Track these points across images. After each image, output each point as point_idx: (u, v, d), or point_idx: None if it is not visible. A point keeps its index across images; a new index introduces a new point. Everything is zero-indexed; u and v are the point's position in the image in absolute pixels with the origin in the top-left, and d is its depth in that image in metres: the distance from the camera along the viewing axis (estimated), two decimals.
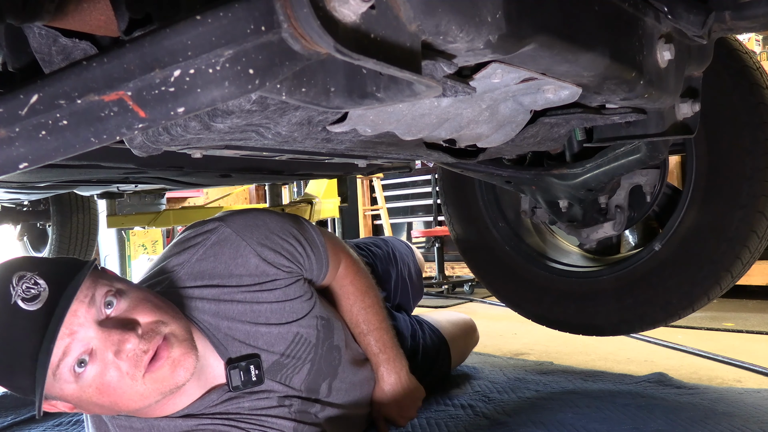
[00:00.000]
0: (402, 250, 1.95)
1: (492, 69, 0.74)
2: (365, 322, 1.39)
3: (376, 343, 1.40)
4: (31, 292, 0.90)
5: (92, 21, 0.72)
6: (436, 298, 4.02)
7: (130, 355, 0.94)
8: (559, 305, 1.81)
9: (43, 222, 3.80)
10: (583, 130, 1.45)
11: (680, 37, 1.01)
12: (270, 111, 0.77)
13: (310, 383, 1.21)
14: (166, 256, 1.20)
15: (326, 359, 1.24)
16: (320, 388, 1.24)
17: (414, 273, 1.95)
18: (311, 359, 1.21)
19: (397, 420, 1.44)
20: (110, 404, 0.97)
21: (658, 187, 1.65)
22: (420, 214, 5.37)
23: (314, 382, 1.22)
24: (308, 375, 1.20)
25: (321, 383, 1.24)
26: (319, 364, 1.22)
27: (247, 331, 1.13)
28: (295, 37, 0.49)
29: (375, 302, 1.42)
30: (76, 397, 0.95)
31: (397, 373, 1.42)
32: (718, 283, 1.49)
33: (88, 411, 1.02)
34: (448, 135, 1.00)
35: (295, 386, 1.19)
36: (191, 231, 1.20)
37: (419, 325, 1.77)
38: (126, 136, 0.51)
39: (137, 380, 0.95)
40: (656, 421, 1.40)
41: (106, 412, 1.01)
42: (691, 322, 2.51)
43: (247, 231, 1.17)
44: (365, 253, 1.79)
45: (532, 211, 1.90)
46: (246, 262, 1.15)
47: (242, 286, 1.14)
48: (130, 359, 0.95)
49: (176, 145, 0.85)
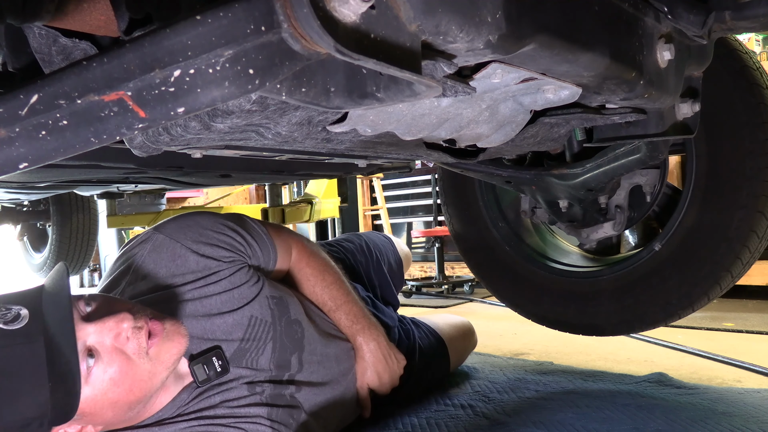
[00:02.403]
0: (378, 242, 1.96)
1: (492, 69, 0.74)
2: (331, 299, 1.42)
3: (347, 317, 1.42)
4: (8, 316, 0.88)
5: (92, 21, 0.72)
6: (436, 298, 4.02)
7: (129, 335, 0.95)
8: (559, 305, 1.81)
9: (43, 222, 3.80)
10: (583, 130, 1.45)
11: (680, 37, 1.01)
12: (270, 111, 0.77)
13: (278, 360, 1.22)
14: (109, 274, 1.23)
15: (287, 334, 1.26)
16: (290, 363, 1.25)
17: (394, 263, 1.96)
18: (272, 337, 1.22)
19: (378, 387, 1.43)
20: (125, 394, 0.96)
21: (658, 187, 1.65)
22: (420, 214, 5.37)
23: (282, 358, 1.23)
24: (273, 353, 1.22)
25: (289, 358, 1.25)
26: (281, 340, 1.24)
27: (203, 326, 1.15)
28: (295, 37, 0.49)
29: (336, 279, 1.45)
30: (91, 401, 0.93)
31: (375, 340, 1.43)
32: (718, 283, 1.49)
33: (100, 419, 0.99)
34: (448, 135, 1.00)
35: (264, 367, 1.20)
36: (128, 245, 1.25)
37: (415, 326, 1.77)
38: (126, 136, 0.51)
39: (143, 358, 0.97)
40: (656, 421, 1.40)
41: (118, 412, 0.99)
42: (691, 322, 2.51)
43: (180, 233, 1.21)
44: (335, 248, 1.80)
45: (532, 211, 1.90)
46: (185, 261, 1.18)
47: (187, 283, 1.16)
48: (131, 338, 0.96)
49: (176, 145, 0.85)
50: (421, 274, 4.87)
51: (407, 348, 1.65)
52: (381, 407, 1.53)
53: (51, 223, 3.64)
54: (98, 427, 0.99)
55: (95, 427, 0.99)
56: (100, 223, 3.81)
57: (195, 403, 1.10)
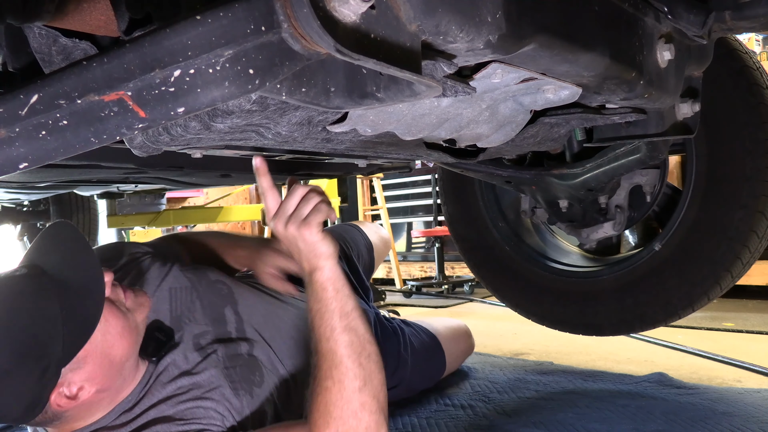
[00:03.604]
0: (347, 235, 1.96)
1: (492, 69, 0.74)
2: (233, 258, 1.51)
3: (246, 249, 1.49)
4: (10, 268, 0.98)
5: (92, 21, 0.72)
6: (436, 298, 4.01)
7: (111, 287, 1.02)
8: (559, 305, 1.81)
9: (43, 222, 3.80)
10: (583, 130, 1.45)
11: (680, 37, 1.01)
12: (270, 111, 0.77)
13: (211, 314, 1.25)
14: None
15: (212, 292, 1.29)
16: (225, 316, 1.27)
17: (365, 251, 1.97)
18: (198, 297, 1.26)
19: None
20: (119, 340, 1.01)
21: (658, 187, 1.65)
22: (420, 214, 5.37)
23: (214, 311, 1.25)
24: (204, 309, 1.24)
25: (222, 311, 1.27)
26: (207, 297, 1.27)
27: None
28: (295, 37, 0.49)
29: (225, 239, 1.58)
30: (93, 343, 0.97)
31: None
32: (718, 283, 1.49)
33: (98, 373, 1.00)
34: (448, 135, 1.00)
35: (200, 322, 1.22)
36: None
37: (405, 325, 1.77)
38: (126, 136, 0.51)
39: (124, 308, 1.04)
40: (656, 421, 1.40)
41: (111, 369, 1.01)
42: (691, 322, 2.51)
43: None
44: None
45: (532, 211, 1.90)
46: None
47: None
48: (113, 291, 1.03)
49: (176, 145, 0.85)
50: (421, 274, 4.87)
51: (397, 343, 1.65)
52: None
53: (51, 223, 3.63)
54: (93, 388, 1.00)
55: (90, 387, 1.00)
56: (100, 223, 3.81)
57: (157, 387, 1.09)
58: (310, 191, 1.06)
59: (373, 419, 0.98)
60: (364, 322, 1.05)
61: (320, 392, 1.00)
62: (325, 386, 0.99)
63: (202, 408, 1.08)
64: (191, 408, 1.07)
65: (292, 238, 1.05)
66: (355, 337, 1.02)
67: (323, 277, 1.04)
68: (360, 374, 1.00)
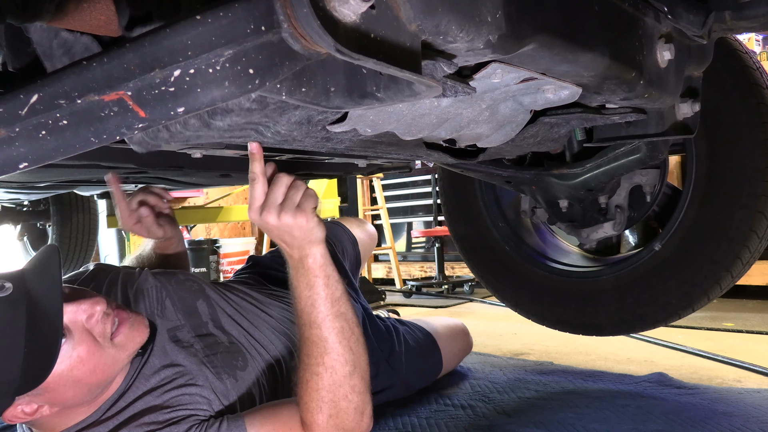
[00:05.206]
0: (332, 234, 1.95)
1: (492, 69, 0.74)
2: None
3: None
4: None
5: (92, 21, 0.72)
6: (436, 298, 4.01)
7: (100, 318, 1.00)
8: (559, 305, 1.81)
9: (43, 222, 3.80)
10: (583, 130, 1.45)
11: (680, 37, 1.01)
12: (269, 110, 0.77)
13: (183, 309, 1.26)
14: None
15: (182, 288, 1.30)
16: (197, 309, 1.28)
17: (350, 248, 1.96)
18: (167, 295, 1.27)
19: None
20: (88, 375, 0.99)
21: (658, 187, 1.65)
22: (420, 214, 5.36)
23: (186, 306, 1.27)
24: (174, 305, 1.26)
25: (194, 305, 1.28)
26: (177, 294, 1.28)
27: None
28: (295, 37, 0.49)
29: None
30: (57, 375, 0.95)
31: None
32: (718, 283, 1.49)
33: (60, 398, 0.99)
34: (448, 135, 1.00)
35: (172, 317, 1.23)
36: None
37: (400, 324, 1.77)
38: (126, 136, 0.51)
39: (107, 343, 1.01)
40: (656, 421, 1.40)
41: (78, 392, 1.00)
42: (691, 322, 2.51)
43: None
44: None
45: (532, 211, 1.90)
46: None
47: None
48: (101, 322, 1.00)
49: (175, 142, 0.85)
50: (421, 274, 4.87)
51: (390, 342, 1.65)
52: (381, 407, 1.53)
53: (51, 223, 3.63)
54: (54, 409, 1.00)
55: (51, 408, 0.99)
56: (100, 223, 3.81)
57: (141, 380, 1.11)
58: (295, 179, 1.01)
59: (362, 398, 1.03)
60: (351, 306, 1.07)
61: (311, 377, 1.02)
62: (316, 371, 1.01)
63: (188, 395, 1.09)
64: (177, 396, 1.09)
65: (286, 227, 0.99)
66: (345, 322, 1.03)
67: (315, 264, 1.02)
68: (350, 359, 1.02)
